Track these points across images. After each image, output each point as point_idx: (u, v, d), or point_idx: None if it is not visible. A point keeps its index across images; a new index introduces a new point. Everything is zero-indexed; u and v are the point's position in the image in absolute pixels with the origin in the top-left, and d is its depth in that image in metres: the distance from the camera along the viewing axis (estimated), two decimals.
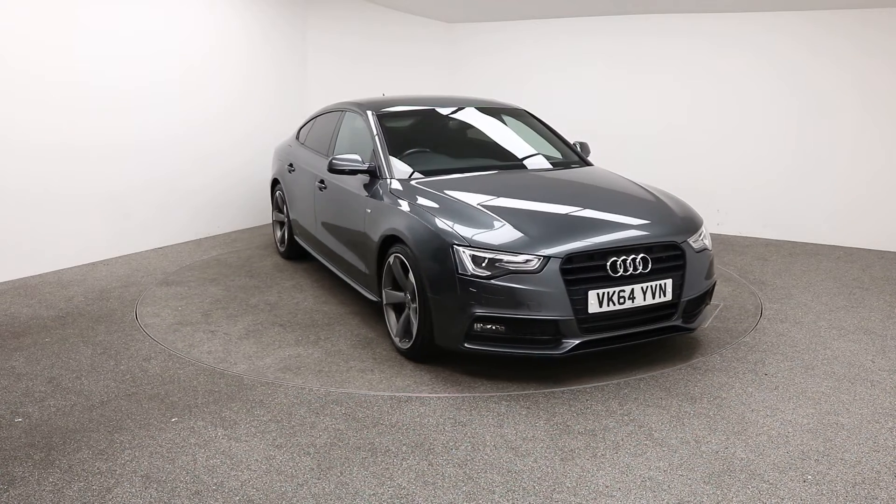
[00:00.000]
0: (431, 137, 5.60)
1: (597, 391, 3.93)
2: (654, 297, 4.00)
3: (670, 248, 4.13)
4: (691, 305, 4.24)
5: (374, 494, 2.94)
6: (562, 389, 3.94)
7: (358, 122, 5.57)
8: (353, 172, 5.01)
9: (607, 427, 3.51)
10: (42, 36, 6.10)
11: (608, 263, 3.90)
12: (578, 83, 8.96)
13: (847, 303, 5.57)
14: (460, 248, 3.93)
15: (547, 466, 3.15)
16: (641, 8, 8.26)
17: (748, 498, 2.91)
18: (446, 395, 3.88)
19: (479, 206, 4.26)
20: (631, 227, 4.18)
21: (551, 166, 5.33)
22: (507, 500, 2.90)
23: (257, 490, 2.97)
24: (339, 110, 6.10)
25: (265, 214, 8.69)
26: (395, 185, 4.75)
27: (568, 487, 2.99)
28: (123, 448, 3.31)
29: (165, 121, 7.26)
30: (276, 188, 7.07)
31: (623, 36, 8.57)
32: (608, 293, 3.87)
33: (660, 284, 4.02)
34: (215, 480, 3.04)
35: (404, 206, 4.47)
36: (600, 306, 3.86)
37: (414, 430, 3.49)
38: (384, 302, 4.62)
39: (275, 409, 3.72)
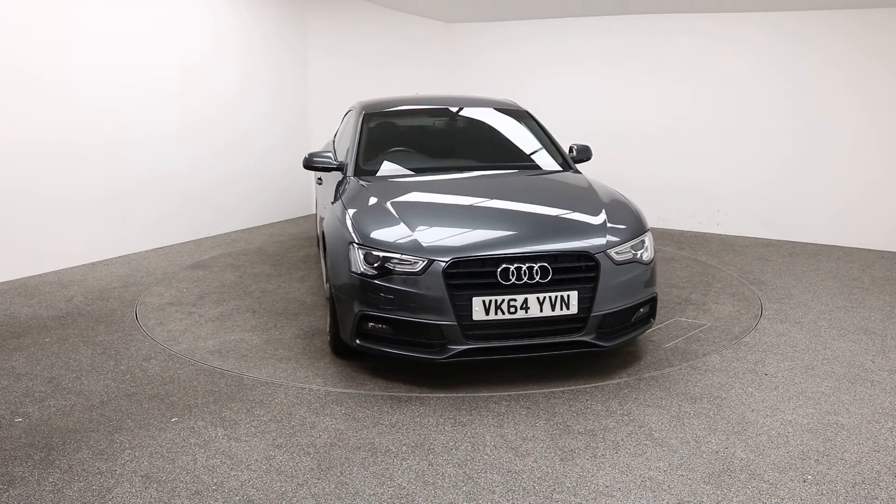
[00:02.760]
0: (419, 137, 5.63)
1: (597, 391, 3.93)
2: (553, 309, 3.78)
3: (583, 259, 3.88)
4: (609, 321, 3.96)
5: (374, 494, 2.94)
6: (562, 389, 3.94)
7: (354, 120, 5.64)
8: (325, 169, 5.13)
9: (607, 427, 3.51)
10: (42, 35, 6.10)
11: (498, 270, 3.76)
12: (578, 83, 8.96)
13: (847, 303, 5.57)
14: (355, 247, 3.97)
15: (547, 466, 3.15)
16: (641, 8, 8.26)
17: (748, 498, 2.91)
18: (446, 395, 3.88)
19: (390, 208, 4.22)
20: (540, 236, 3.99)
21: (525, 170, 5.15)
22: (507, 500, 2.90)
23: (257, 490, 2.97)
24: (353, 109, 6.19)
25: (265, 214, 8.70)
26: (350, 183, 4.81)
27: (568, 487, 2.99)
28: (123, 448, 3.31)
29: (165, 120, 7.26)
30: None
31: (623, 36, 8.57)
32: (496, 301, 3.72)
33: (562, 296, 3.79)
34: (215, 480, 3.04)
35: (338, 204, 4.54)
36: (486, 314, 3.73)
37: (414, 430, 3.49)
38: (326, 296, 4.70)
39: (275, 409, 3.72)
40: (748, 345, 4.66)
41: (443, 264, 3.74)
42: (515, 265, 3.76)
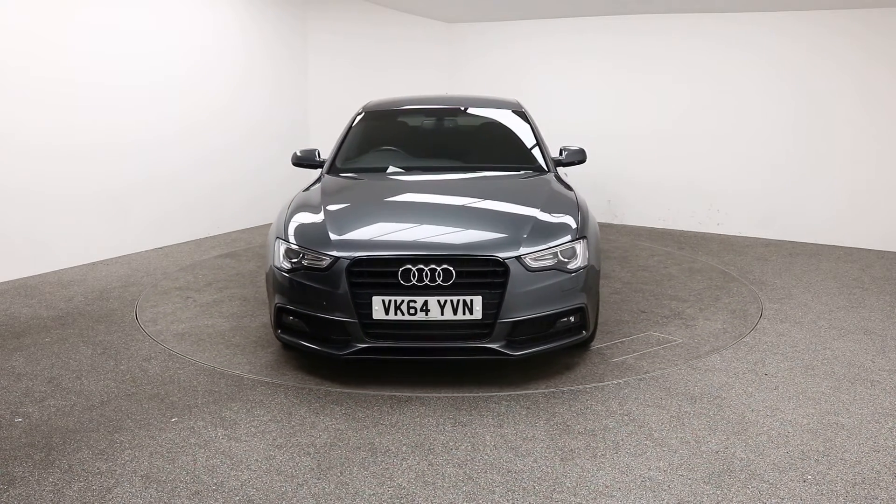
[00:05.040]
0: (405, 137, 5.69)
1: (597, 391, 3.93)
2: (455, 314, 3.72)
3: (491, 263, 3.78)
4: (522, 329, 3.84)
5: (374, 494, 2.94)
6: (562, 389, 3.94)
7: None
8: (310, 166, 5.27)
9: (607, 427, 3.51)
10: (41, 35, 6.10)
11: (399, 271, 3.73)
12: (578, 83, 8.96)
13: (847, 303, 5.56)
14: (279, 241, 4.12)
15: (547, 466, 3.15)
16: (641, 8, 8.26)
17: (748, 498, 2.91)
18: (446, 395, 3.88)
19: (322, 205, 4.32)
20: (452, 238, 3.95)
21: (499, 172, 5.03)
22: (507, 500, 2.90)
23: (257, 490, 2.97)
24: None
25: (266, 214, 8.69)
26: (319, 180, 4.96)
27: (568, 487, 2.99)
28: (123, 448, 3.31)
29: (166, 120, 7.26)
30: None
31: (623, 36, 8.57)
32: (395, 301, 3.71)
33: (464, 301, 3.71)
34: (215, 480, 3.04)
35: (290, 199, 4.68)
36: (386, 313, 3.73)
37: (414, 430, 3.49)
38: None
39: (275, 409, 3.72)
40: (748, 345, 4.65)
41: (347, 262, 3.78)
42: (418, 266, 3.72)
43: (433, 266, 3.72)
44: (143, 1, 6.94)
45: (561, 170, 5.38)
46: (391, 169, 5.17)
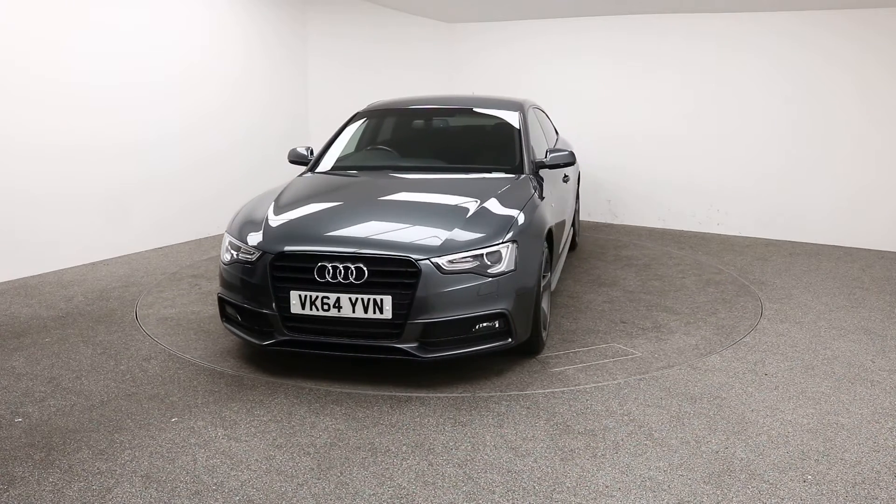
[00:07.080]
0: (395, 138, 5.77)
1: (597, 391, 3.93)
2: (366, 312, 3.77)
3: (402, 264, 3.79)
4: (435, 331, 3.80)
5: (374, 494, 2.94)
6: (562, 389, 3.94)
7: None
8: (303, 164, 5.42)
9: (607, 427, 3.51)
10: (41, 35, 6.10)
11: (315, 268, 3.83)
12: (579, 83, 8.96)
13: (847, 303, 5.56)
14: (226, 234, 4.37)
15: (547, 466, 3.15)
16: (641, 8, 8.26)
17: (748, 498, 2.91)
18: (446, 395, 3.88)
19: (272, 201, 4.53)
20: (370, 237, 4.00)
21: (472, 173, 5.00)
22: (507, 500, 2.90)
23: (257, 490, 2.97)
24: None
25: None
26: (299, 177, 5.15)
27: (568, 487, 2.99)
28: (123, 448, 3.31)
29: (166, 120, 7.26)
30: None
31: (623, 36, 8.57)
32: (311, 297, 3.82)
33: (375, 300, 3.75)
34: (215, 480, 3.04)
35: None
36: (302, 308, 3.84)
37: (414, 430, 3.49)
38: None
39: (275, 409, 3.72)
40: (748, 345, 4.65)
41: (270, 257, 3.94)
42: (333, 264, 3.81)
43: (347, 264, 3.81)
44: (143, 1, 6.94)
45: (551, 171, 5.33)
46: (366, 170, 5.30)
